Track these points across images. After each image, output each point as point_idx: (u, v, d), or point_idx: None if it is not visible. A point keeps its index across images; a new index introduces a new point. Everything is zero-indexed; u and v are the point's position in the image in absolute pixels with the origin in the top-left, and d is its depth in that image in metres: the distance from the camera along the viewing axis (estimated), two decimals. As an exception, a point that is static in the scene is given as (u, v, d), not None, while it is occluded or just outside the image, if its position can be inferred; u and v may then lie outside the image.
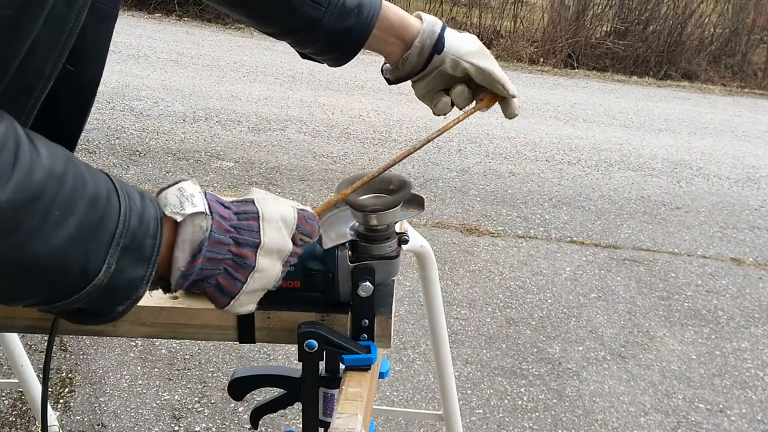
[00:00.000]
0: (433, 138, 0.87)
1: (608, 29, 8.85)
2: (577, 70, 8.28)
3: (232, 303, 0.67)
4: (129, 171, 3.70)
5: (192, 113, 4.78)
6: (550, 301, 2.85)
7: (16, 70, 0.55)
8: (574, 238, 3.48)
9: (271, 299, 0.82)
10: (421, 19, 0.91)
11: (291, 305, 0.82)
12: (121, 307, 0.60)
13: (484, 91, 0.93)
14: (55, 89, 0.64)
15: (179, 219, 0.62)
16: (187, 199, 0.63)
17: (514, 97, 0.93)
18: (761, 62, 9.20)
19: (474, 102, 0.95)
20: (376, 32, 0.89)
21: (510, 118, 0.97)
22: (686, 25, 8.81)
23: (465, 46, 0.90)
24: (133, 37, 6.79)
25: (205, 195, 0.65)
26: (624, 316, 2.78)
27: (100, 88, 0.73)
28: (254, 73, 5.92)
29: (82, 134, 0.75)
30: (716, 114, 6.79)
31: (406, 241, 0.84)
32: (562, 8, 8.70)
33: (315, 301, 0.83)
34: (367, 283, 0.79)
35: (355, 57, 0.92)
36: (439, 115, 0.96)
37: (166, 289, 0.65)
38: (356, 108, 5.25)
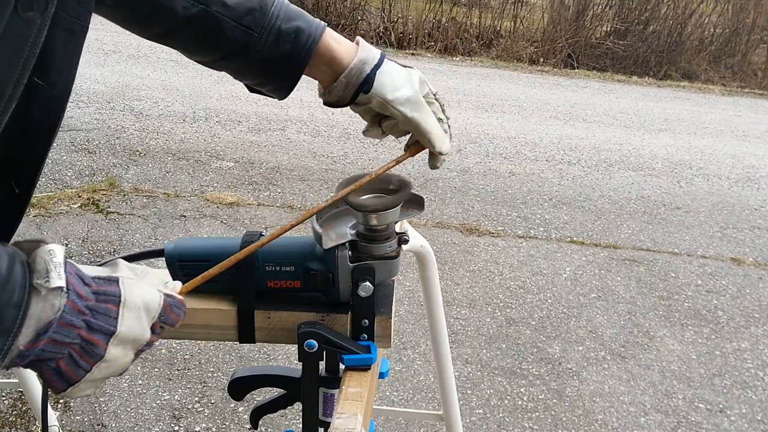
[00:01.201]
0: (369, 180, 0.82)
1: (608, 29, 8.86)
2: (577, 70, 8.28)
3: (69, 390, 0.61)
4: (129, 171, 3.70)
5: (192, 113, 4.78)
6: (550, 301, 2.85)
7: None
8: (574, 238, 3.48)
9: (271, 299, 0.82)
10: (358, 46, 0.84)
11: (291, 305, 0.82)
12: None
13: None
14: (23, 103, 0.62)
15: (44, 293, 0.56)
16: (55, 268, 0.57)
17: (440, 154, 0.86)
18: (761, 62, 9.20)
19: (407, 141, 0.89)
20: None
21: (432, 169, 0.90)
22: (686, 25, 8.81)
23: (397, 91, 0.82)
24: (133, 37, 6.75)
25: (65, 266, 0.58)
26: (624, 316, 2.78)
27: (101, 87, 0.73)
28: (254, 73, 5.91)
29: (83, 134, 0.75)
30: (716, 114, 6.79)
31: (406, 241, 0.84)
32: (562, 8, 8.71)
33: (315, 301, 0.83)
34: (367, 283, 0.79)
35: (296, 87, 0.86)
36: (367, 136, 0.91)
37: None
38: (356, 108, 5.25)
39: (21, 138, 0.67)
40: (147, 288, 0.64)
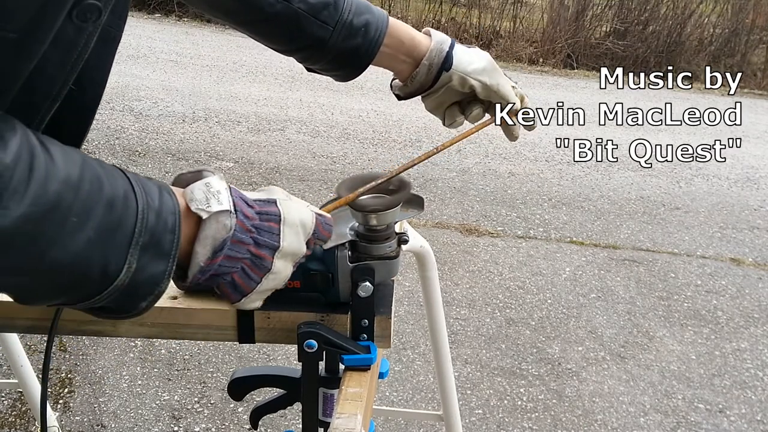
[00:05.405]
0: (443, 149, 0.89)
1: (608, 29, 8.85)
2: (576, 71, 8.28)
3: (243, 300, 0.70)
4: (128, 171, 3.70)
5: (191, 113, 4.77)
6: (549, 301, 2.85)
7: (23, 90, 0.56)
8: (574, 239, 3.48)
9: (271, 299, 0.82)
10: (430, 35, 0.93)
11: (291, 305, 0.82)
12: (144, 303, 0.61)
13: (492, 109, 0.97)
14: (57, 108, 0.64)
15: (204, 216, 0.63)
16: (214, 195, 0.64)
17: (514, 104, 0.96)
18: (760, 62, 9.20)
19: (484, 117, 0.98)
20: (386, 50, 0.90)
21: (512, 141, 1.01)
22: (686, 25, 8.81)
23: (473, 64, 0.92)
24: (132, 37, 6.79)
25: (231, 192, 0.66)
26: (623, 317, 2.78)
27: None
28: (254, 74, 5.92)
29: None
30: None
31: (405, 241, 0.84)
32: (562, 8, 8.70)
33: (315, 301, 0.83)
34: (367, 283, 0.79)
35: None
36: (450, 128, 0.98)
37: (182, 279, 0.66)
38: (356, 108, 5.25)
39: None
40: (301, 207, 0.71)
